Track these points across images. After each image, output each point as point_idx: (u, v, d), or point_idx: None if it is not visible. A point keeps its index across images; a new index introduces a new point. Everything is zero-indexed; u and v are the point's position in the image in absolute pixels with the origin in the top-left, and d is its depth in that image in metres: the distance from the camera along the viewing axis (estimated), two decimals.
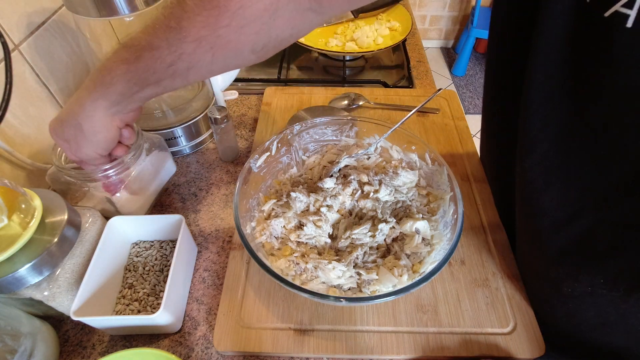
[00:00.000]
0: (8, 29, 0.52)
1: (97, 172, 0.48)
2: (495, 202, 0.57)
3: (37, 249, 0.39)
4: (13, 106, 0.52)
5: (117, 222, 0.48)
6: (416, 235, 0.47)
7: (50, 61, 0.59)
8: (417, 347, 0.44)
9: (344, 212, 0.51)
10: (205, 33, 0.31)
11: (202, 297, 0.49)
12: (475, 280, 0.49)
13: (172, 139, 0.63)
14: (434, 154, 0.51)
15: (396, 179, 0.52)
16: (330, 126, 0.56)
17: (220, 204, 0.59)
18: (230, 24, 0.31)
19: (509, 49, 0.43)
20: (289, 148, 0.55)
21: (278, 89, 0.77)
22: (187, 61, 0.33)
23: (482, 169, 0.62)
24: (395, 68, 0.91)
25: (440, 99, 0.74)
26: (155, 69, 0.33)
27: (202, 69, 0.34)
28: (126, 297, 0.47)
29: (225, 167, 0.65)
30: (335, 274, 0.44)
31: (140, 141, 0.52)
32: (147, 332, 0.46)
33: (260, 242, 0.48)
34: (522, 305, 0.47)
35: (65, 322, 0.47)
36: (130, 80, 0.35)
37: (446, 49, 2.80)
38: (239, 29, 0.31)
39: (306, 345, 0.44)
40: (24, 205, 0.39)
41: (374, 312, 0.46)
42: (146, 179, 0.55)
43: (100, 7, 0.47)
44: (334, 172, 0.54)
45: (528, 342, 0.44)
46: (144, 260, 0.50)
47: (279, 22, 0.32)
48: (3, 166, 0.51)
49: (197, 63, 0.33)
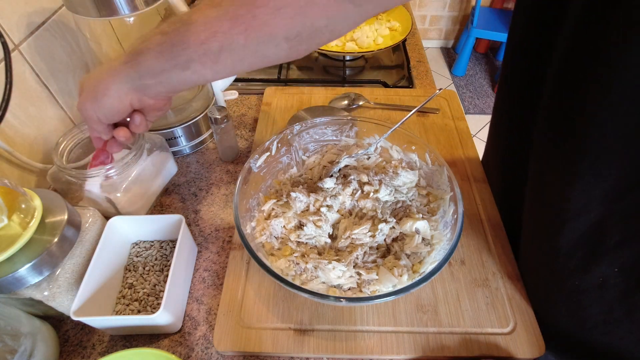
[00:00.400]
0: (8, 29, 0.52)
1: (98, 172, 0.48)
2: (497, 202, 0.57)
3: (37, 249, 0.39)
4: (13, 106, 0.52)
5: (117, 222, 0.48)
6: (416, 235, 0.47)
7: (50, 61, 0.59)
8: (417, 347, 0.44)
9: (344, 212, 0.51)
10: (241, 12, 0.32)
11: (202, 297, 0.49)
12: (475, 280, 0.49)
13: (172, 139, 0.63)
14: (434, 154, 0.51)
15: (396, 179, 0.52)
16: (330, 126, 0.56)
17: (220, 204, 0.59)
18: (268, 4, 0.31)
19: (530, 51, 0.43)
20: (289, 148, 0.55)
21: (278, 89, 0.77)
22: (220, 41, 0.33)
23: (482, 169, 0.62)
24: (395, 68, 0.91)
25: (440, 99, 0.74)
26: (188, 43, 0.33)
27: (232, 54, 0.34)
28: (126, 297, 0.47)
29: (225, 167, 0.65)
30: (335, 274, 0.44)
31: (142, 141, 0.52)
32: (147, 332, 0.46)
33: (260, 242, 0.48)
34: (522, 305, 0.47)
35: (65, 322, 0.47)
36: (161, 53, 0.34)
37: (446, 49, 2.80)
38: (276, 11, 0.31)
39: (306, 345, 0.44)
40: (24, 205, 0.39)
41: (374, 312, 0.46)
42: (147, 179, 0.55)
43: (100, 7, 0.47)
44: (334, 172, 0.54)
45: (528, 342, 0.44)
46: (144, 260, 0.50)
47: (315, 9, 0.32)
48: (3, 166, 0.51)
49: (229, 45, 0.33)
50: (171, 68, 0.35)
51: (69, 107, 0.64)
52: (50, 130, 0.60)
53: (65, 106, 0.63)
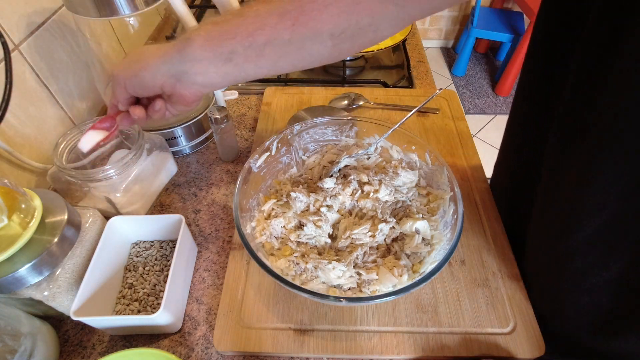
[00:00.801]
0: (8, 29, 0.52)
1: (98, 172, 0.48)
2: (501, 207, 0.57)
3: (37, 249, 0.39)
4: (13, 106, 0.52)
5: (117, 222, 0.48)
6: (416, 235, 0.47)
7: (50, 61, 0.59)
8: (417, 347, 0.44)
9: (344, 212, 0.51)
10: (290, 7, 0.33)
11: (202, 297, 0.49)
12: (475, 280, 0.49)
13: (172, 139, 0.63)
14: (434, 154, 0.51)
15: (396, 179, 0.52)
16: (330, 126, 0.56)
17: (220, 204, 0.59)
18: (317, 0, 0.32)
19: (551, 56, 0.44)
20: (289, 148, 0.55)
21: (278, 89, 0.77)
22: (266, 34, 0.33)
23: (482, 169, 0.62)
24: (395, 68, 0.91)
25: (440, 99, 0.74)
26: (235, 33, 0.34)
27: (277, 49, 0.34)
28: (126, 297, 0.47)
29: (225, 167, 0.65)
30: (335, 274, 0.44)
31: (141, 141, 0.52)
32: (147, 332, 0.46)
33: (260, 242, 0.48)
34: (522, 305, 0.47)
35: (65, 322, 0.47)
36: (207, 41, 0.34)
37: (446, 49, 2.80)
38: (323, 7, 0.32)
39: (306, 345, 0.44)
40: (24, 205, 0.39)
41: (374, 312, 0.46)
42: (147, 179, 0.55)
43: (100, 7, 0.47)
44: (334, 172, 0.54)
45: (528, 342, 0.44)
46: (144, 260, 0.50)
47: (360, 7, 0.33)
48: (3, 166, 0.51)
49: (275, 39, 0.34)
50: (214, 58, 0.35)
51: (69, 107, 0.64)
52: (50, 130, 0.60)
53: (65, 106, 0.63)
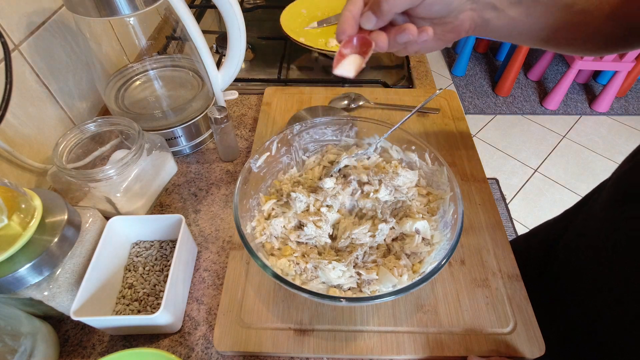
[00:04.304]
0: (8, 29, 0.52)
1: (98, 172, 0.48)
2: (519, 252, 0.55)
3: (37, 249, 0.39)
4: (13, 106, 0.52)
5: (117, 222, 0.48)
6: (416, 235, 0.47)
7: (50, 61, 0.59)
8: (417, 347, 0.44)
9: (344, 212, 0.51)
10: None
11: (202, 297, 0.49)
12: (475, 280, 0.49)
13: (172, 139, 0.63)
14: (434, 154, 0.51)
15: (396, 179, 0.52)
16: (330, 126, 0.56)
17: (220, 204, 0.59)
18: None
19: None
20: (289, 148, 0.55)
21: (278, 89, 0.77)
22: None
23: (482, 169, 0.62)
24: (395, 68, 0.91)
25: (440, 99, 0.74)
26: None
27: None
28: (126, 297, 0.47)
29: (225, 167, 0.65)
30: (335, 274, 0.44)
31: (141, 141, 0.52)
32: (147, 332, 0.46)
33: (260, 242, 0.48)
34: (522, 305, 0.47)
35: (65, 322, 0.47)
36: None
37: (446, 49, 2.79)
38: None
39: (306, 345, 0.44)
40: (24, 205, 0.39)
41: (374, 312, 0.46)
42: (147, 179, 0.55)
43: (100, 7, 0.47)
44: (334, 172, 0.54)
45: (528, 342, 0.44)
46: (144, 260, 0.50)
47: None
48: (3, 166, 0.51)
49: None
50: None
51: (69, 107, 0.64)
52: (50, 130, 0.60)
53: (65, 106, 0.63)
